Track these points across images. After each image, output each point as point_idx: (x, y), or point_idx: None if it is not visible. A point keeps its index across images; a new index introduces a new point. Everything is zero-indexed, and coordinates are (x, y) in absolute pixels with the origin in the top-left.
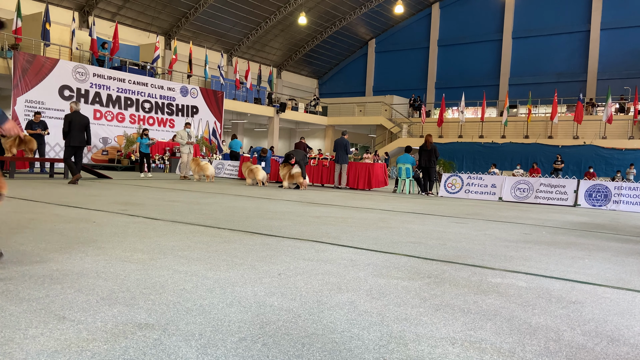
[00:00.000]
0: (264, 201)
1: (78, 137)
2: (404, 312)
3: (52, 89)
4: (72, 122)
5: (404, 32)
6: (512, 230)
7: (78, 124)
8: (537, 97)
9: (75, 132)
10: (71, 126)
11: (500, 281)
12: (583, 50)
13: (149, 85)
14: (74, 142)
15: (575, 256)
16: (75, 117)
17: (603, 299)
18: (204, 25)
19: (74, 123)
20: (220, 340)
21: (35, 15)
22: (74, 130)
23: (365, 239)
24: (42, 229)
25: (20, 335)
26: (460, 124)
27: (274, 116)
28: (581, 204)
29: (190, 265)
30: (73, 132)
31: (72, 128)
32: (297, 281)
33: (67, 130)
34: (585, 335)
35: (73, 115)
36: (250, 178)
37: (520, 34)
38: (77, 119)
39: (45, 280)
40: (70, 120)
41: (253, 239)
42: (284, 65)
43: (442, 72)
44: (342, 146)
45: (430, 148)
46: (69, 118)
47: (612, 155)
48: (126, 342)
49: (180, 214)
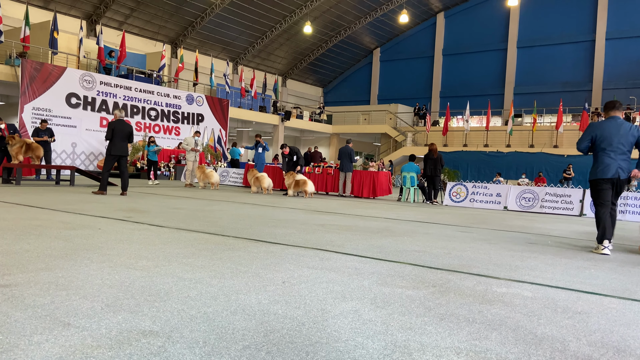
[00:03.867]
0: (269, 209)
1: (120, 146)
2: (409, 321)
3: (60, 96)
4: (115, 129)
5: (408, 41)
6: (517, 239)
7: (121, 132)
8: (542, 107)
9: (117, 140)
10: (114, 134)
11: (505, 291)
12: (588, 60)
13: (155, 94)
14: (116, 151)
15: (581, 266)
16: (118, 125)
17: (609, 310)
18: (210, 34)
19: (117, 131)
20: (224, 348)
21: (43, 24)
22: (117, 139)
23: (370, 248)
24: (47, 235)
25: (25, 342)
26: (465, 133)
27: (279, 124)
28: (587, 213)
29: (195, 272)
30: (115, 141)
31: (115, 136)
32: (302, 289)
33: (110, 138)
34: (591, 346)
35: (116, 124)
36: (256, 186)
37: (525, 43)
38: (120, 127)
39: (50, 287)
40: (114, 128)
41: (257, 246)
42: (289, 73)
43: (447, 81)
44: (346, 154)
45: (436, 156)
46: (112, 126)
47: None
48: (130, 349)
49: (185, 222)
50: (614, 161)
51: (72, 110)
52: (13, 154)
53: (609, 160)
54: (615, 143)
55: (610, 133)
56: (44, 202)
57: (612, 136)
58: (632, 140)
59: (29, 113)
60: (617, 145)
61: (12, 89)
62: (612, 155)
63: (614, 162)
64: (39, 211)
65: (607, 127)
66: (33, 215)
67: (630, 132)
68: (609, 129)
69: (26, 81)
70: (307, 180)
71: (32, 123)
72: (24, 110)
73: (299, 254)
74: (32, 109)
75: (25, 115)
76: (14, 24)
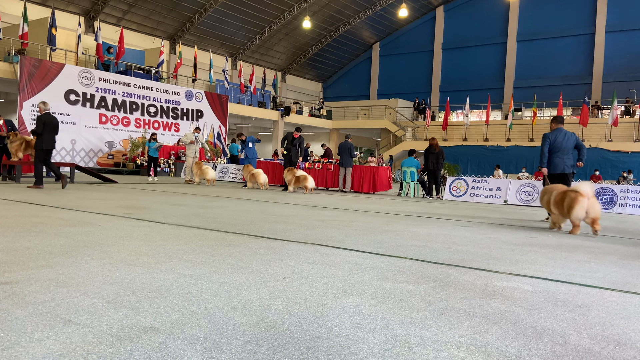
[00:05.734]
0: (269, 205)
1: (51, 139)
2: (409, 315)
3: (58, 93)
4: (45, 123)
5: (408, 35)
6: (518, 233)
7: (50, 125)
8: (542, 100)
9: (47, 134)
10: (45, 128)
11: (505, 285)
12: (588, 53)
13: (154, 90)
14: (48, 145)
15: (582, 260)
16: (48, 118)
17: (609, 303)
18: (208, 29)
19: (47, 124)
20: (225, 344)
21: (41, 21)
22: (47, 133)
23: (370, 243)
24: (48, 232)
25: (26, 339)
26: (465, 127)
27: (279, 120)
28: None
29: (195, 268)
30: (46, 135)
31: (45, 130)
32: (302, 285)
33: (40, 133)
34: (592, 339)
35: (46, 117)
36: (252, 182)
37: (525, 37)
38: (49, 121)
39: (51, 284)
40: (45, 122)
41: (258, 242)
42: (289, 69)
43: (446, 76)
44: (346, 150)
45: (437, 151)
46: (42, 120)
47: (618, 158)
48: (132, 346)
49: (185, 218)
50: (562, 160)
51: (71, 107)
52: (12, 151)
53: (558, 161)
54: (562, 147)
55: (559, 140)
56: (43, 199)
57: (560, 142)
58: (572, 144)
59: (28, 110)
60: (564, 149)
61: (11, 86)
62: (560, 156)
63: (561, 162)
64: (39, 208)
65: (558, 136)
66: (33, 213)
67: (571, 139)
68: (558, 137)
69: (25, 78)
70: (308, 175)
71: (31, 120)
72: (23, 107)
73: (300, 249)
74: (31, 106)
75: (25, 112)
76: (12, 21)
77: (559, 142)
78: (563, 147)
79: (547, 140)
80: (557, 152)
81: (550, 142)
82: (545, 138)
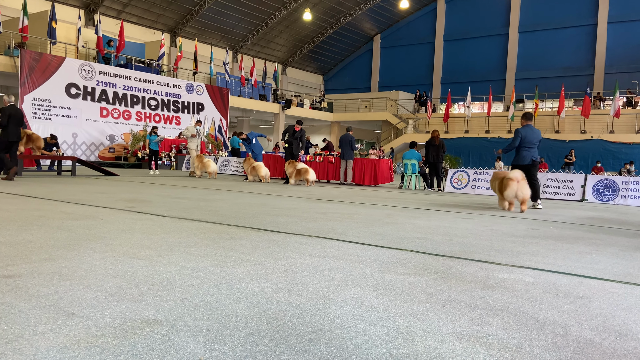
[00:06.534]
0: (270, 197)
1: (15, 131)
2: (411, 307)
3: (59, 87)
4: (10, 115)
5: (409, 27)
6: (519, 225)
7: (15, 118)
8: (544, 92)
9: (12, 126)
10: (10, 121)
11: (507, 276)
12: (590, 44)
13: (154, 83)
14: (13, 137)
15: (583, 251)
16: (12, 110)
17: (611, 294)
18: (208, 22)
19: (12, 117)
20: (228, 336)
21: (41, 14)
22: (12, 125)
23: (372, 235)
24: (50, 226)
25: (30, 332)
26: (467, 119)
27: (280, 113)
28: (589, 198)
29: (198, 261)
30: (11, 127)
31: (10, 122)
32: (304, 277)
33: (5, 125)
34: (593, 330)
35: (10, 109)
36: (252, 175)
37: (527, 28)
38: (14, 113)
39: (54, 277)
40: (10, 114)
41: (259, 235)
42: (289, 61)
43: (448, 67)
44: (347, 142)
45: (438, 143)
46: (7, 112)
47: (620, 149)
48: (135, 338)
49: (187, 211)
50: (529, 153)
51: (72, 101)
52: None
53: (526, 153)
54: (530, 142)
55: (529, 135)
56: (45, 193)
57: (530, 137)
58: (539, 139)
59: (29, 104)
60: (532, 143)
61: (12, 80)
62: (527, 149)
63: (528, 154)
64: (41, 202)
65: (528, 132)
66: (35, 206)
67: (537, 134)
68: (529, 132)
69: (25, 72)
70: (309, 168)
71: (33, 114)
72: (24, 101)
73: (301, 242)
74: (32, 100)
75: (26, 106)
76: (12, 14)
77: (529, 137)
78: (531, 141)
79: (519, 135)
80: (525, 145)
81: (522, 137)
82: (517, 133)
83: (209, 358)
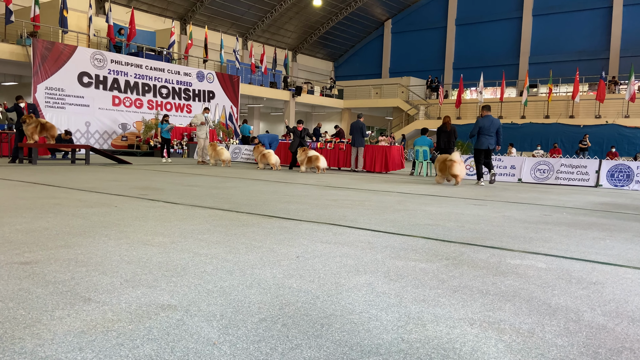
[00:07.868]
0: (281, 185)
1: None
2: (422, 293)
3: (72, 75)
4: None
5: (420, 11)
6: (532, 211)
7: None
8: (558, 76)
9: None
10: None
11: (519, 262)
12: (605, 27)
13: (165, 71)
14: None
15: (596, 237)
16: None
17: (624, 280)
18: (218, 9)
19: None
20: (241, 321)
21: (52, 3)
22: None
23: (383, 222)
24: (65, 213)
25: (48, 317)
26: (479, 105)
27: (290, 100)
28: (603, 184)
29: (210, 248)
30: None
31: None
32: (315, 263)
33: None
34: (606, 316)
35: None
36: (263, 162)
37: (541, 11)
38: None
39: (70, 263)
40: None
41: (271, 222)
42: (299, 48)
43: (460, 52)
44: (358, 129)
45: (450, 129)
46: None
47: (635, 134)
48: (150, 323)
49: (200, 198)
50: (487, 140)
51: (85, 90)
52: (28, 133)
53: (484, 140)
54: (488, 130)
55: (487, 125)
56: (60, 181)
57: (488, 126)
58: (495, 129)
59: (42, 93)
60: (489, 131)
61: (25, 69)
62: (485, 137)
63: (486, 141)
64: (56, 190)
65: (486, 121)
66: (51, 194)
67: (495, 124)
68: (487, 122)
69: (38, 61)
70: (320, 155)
71: (46, 103)
72: (37, 90)
73: (313, 229)
74: (45, 89)
75: (39, 95)
76: (24, 3)
77: (486, 126)
78: (488, 129)
79: (478, 124)
80: (484, 133)
81: (480, 126)
82: (477, 122)
83: (223, 342)
